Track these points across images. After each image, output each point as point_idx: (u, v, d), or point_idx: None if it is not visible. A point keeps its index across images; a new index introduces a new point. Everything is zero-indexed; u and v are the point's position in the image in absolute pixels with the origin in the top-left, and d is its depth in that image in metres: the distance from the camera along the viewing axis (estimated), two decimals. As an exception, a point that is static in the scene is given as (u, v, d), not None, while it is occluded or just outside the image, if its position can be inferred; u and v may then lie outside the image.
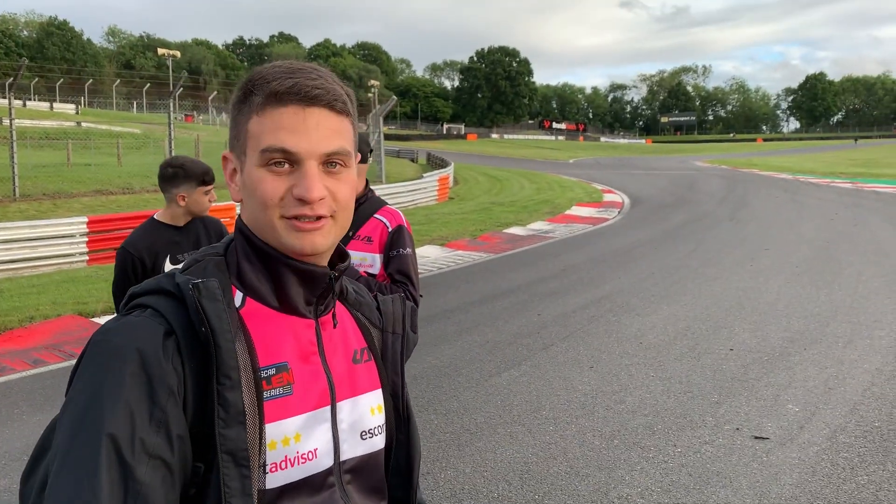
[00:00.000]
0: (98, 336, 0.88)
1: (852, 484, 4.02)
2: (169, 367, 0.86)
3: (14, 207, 15.76)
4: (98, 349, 0.86)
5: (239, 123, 0.98)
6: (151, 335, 0.86)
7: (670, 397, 5.39)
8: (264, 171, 0.95)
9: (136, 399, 0.82)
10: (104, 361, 0.84)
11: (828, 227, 15.59)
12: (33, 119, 37.31)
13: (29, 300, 8.75)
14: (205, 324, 0.87)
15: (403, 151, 46.78)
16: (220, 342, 0.87)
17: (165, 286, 0.93)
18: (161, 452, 0.82)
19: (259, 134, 0.95)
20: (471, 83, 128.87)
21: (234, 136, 0.99)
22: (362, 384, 1.06)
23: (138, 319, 0.89)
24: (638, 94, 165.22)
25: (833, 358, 6.30)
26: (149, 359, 0.84)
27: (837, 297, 8.71)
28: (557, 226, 16.83)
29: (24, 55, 67.56)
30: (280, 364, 0.95)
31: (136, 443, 0.80)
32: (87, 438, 0.79)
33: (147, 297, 0.93)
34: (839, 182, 30.43)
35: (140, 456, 0.80)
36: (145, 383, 0.83)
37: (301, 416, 0.96)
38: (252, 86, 0.96)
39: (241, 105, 0.97)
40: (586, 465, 4.27)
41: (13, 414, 5.21)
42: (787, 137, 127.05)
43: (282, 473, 0.93)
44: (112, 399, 0.81)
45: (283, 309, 0.98)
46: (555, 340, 6.94)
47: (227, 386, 0.87)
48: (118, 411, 0.80)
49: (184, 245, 3.24)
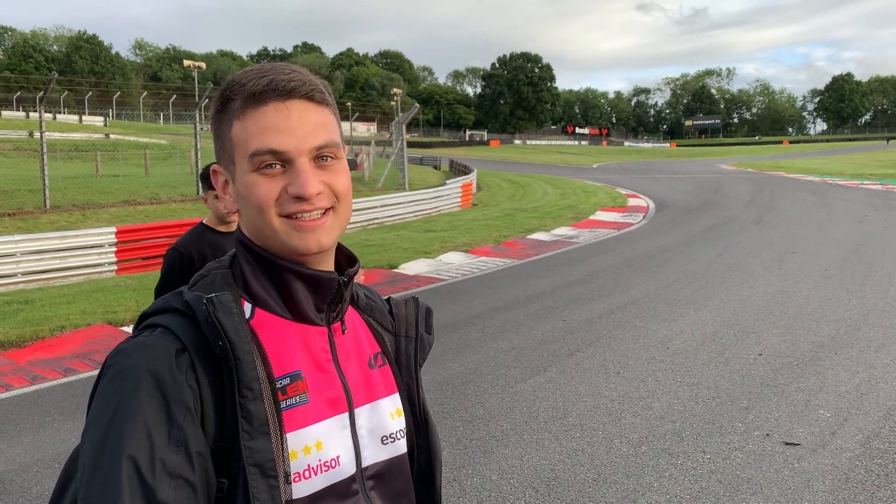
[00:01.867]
0: (112, 359, 0.88)
1: (887, 491, 3.94)
2: (184, 384, 0.85)
3: (45, 218, 16.03)
4: (112, 372, 0.86)
5: (222, 133, 0.97)
6: (164, 354, 0.86)
7: (698, 403, 5.33)
8: (256, 176, 0.93)
9: (153, 419, 0.82)
10: (119, 384, 0.84)
11: (857, 229, 15.34)
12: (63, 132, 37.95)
13: (59, 310, 8.89)
14: (222, 338, 0.87)
15: (426, 158, 46.87)
16: (239, 355, 0.87)
17: (173, 304, 0.93)
18: (182, 471, 0.82)
19: (244, 139, 0.93)
20: (493, 90, 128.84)
21: (219, 148, 0.99)
22: (379, 389, 1.05)
23: (149, 339, 0.88)
24: (662, 97, 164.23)
25: (865, 362, 6.19)
26: (163, 378, 0.84)
27: (868, 300, 8.56)
28: (582, 231, 16.74)
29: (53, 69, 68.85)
30: (293, 373, 0.94)
31: (156, 464, 0.80)
32: (108, 462, 0.79)
33: (156, 316, 0.93)
34: (868, 184, 29.95)
35: (162, 476, 0.80)
36: (161, 403, 0.83)
37: (319, 423, 0.95)
38: (229, 92, 0.95)
39: (221, 114, 0.96)
40: (614, 472, 4.23)
41: (45, 422, 5.28)
42: (814, 139, 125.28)
43: (306, 483, 0.93)
44: (129, 421, 0.81)
45: (293, 318, 0.98)
46: (580, 346, 6.90)
47: (249, 398, 0.87)
48: (136, 433, 0.80)
49: (227, 250, 3.25)
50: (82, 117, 56.74)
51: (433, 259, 12.80)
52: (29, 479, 4.31)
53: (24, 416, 5.40)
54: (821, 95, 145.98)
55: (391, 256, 12.60)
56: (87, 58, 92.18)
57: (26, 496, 4.10)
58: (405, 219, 19.58)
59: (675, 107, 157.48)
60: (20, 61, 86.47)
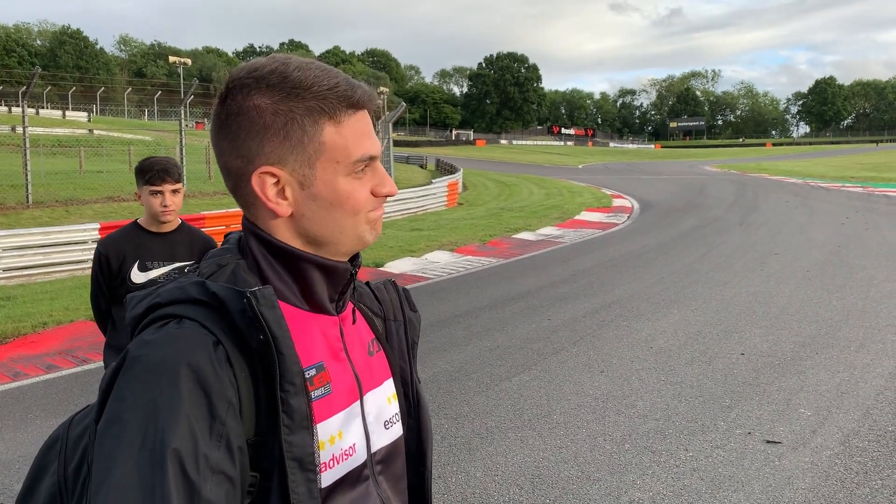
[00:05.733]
0: (139, 350, 0.82)
1: (866, 488, 4.00)
2: (224, 378, 0.83)
3: (27, 214, 15.88)
4: (142, 365, 0.81)
5: (304, 133, 0.92)
6: (201, 347, 0.83)
7: (681, 402, 5.38)
8: (352, 180, 0.95)
9: (195, 414, 0.79)
10: (153, 377, 0.80)
11: (839, 231, 15.51)
12: (46, 127, 37.55)
13: (42, 306, 8.82)
14: (264, 332, 0.85)
15: (412, 157, 46.86)
16: (283, 349, 0.85)
17: (194, 294, 0.88)
18: (224, 467, 0.80)
19: (342, 145, 0.94)
20: (479, 89, 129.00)
21: (287, 150, 0.93)
22: (379, 375, 1.07)
23: (181, 331, 0.84)
24: (647, 99, 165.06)
25: (845, 362, 6.27)
26: (203, 372, 0.81)
27: (849, 301, 8.66)
28: (567, 231, 16.81)
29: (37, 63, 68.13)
30: (318, 364, 0.95)
31: (200, 459, 0.78)
32: (149, 457, 0.75)
33: (175, 306, 0.88)
34: (850, 186, 30.28)
35: (205, 473, 0.78)
36: (203, 397, 0.80)
37: (340, 413, 0.97)
38: (305, 93, 0.92)
39: (292, 114, 0.92)
40: (598, 470, 4.26)
41: (27, 419, 5.25)
42: (797, 142, 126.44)
43: (330, 472, 0.94)
44: (171, 415, 0.77)
45: (310, 308, 0.98)
46: (565, 345, 6.93)
47: (291, 392, 0.86)
48: (179, 428, 0.77)
49: (156, 253, 3.11)
50: (66, 113, 56.16)
51: (419, 258, 12.81)
52: (11, 475, 4.28)
53: (6, 413, 5.35)
54: (804, 98, 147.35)
55: (377, 255, 12.59)
56: (72, 53, 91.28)
57: (8, 493, 4.07)
58: (391, 217, 19.56)
59: (660, 108, 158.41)
60: (2, 56, 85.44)
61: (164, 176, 3.02)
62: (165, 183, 3.03)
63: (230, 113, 0.93)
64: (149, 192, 3.04)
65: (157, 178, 3.01)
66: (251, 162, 0.93)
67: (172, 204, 3.07)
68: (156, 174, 3.01)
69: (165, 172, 3.03)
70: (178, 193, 3.11)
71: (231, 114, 0.93)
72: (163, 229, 3.14)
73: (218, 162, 0.98)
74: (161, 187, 3.03)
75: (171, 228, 3.17)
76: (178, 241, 3.16)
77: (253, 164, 0.93)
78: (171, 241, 3.15)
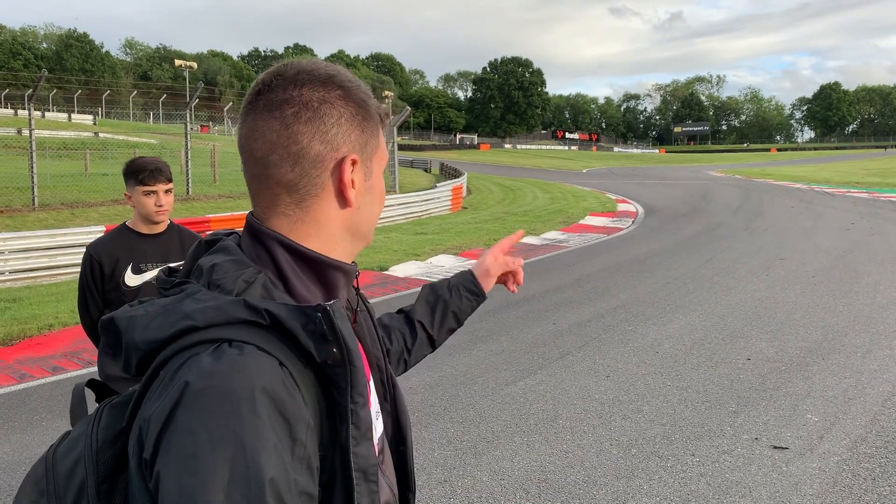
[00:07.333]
0: (200, 383, 0.77)
1: (874, 495, 3.98)
2: (299, 400, 0.82)
3: (33, 217, 15.92)
4: (212, 397, 0.76)
5: (373, 130, 1.02)
6: (271, 371, 0.80)
7: (687, 406, 5.36)
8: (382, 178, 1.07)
9: (280, 441, 0.77)
10: (230, 408, 0.76)
11: (844, 236, 15.48)
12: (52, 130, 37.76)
13: (48, 308, 8.84)
14: (340, 345, 0.84)
15: (417, 161, 46.89)
16: (355, 361, 0.85)
17: (242, 315, 0.83)
18: (310, 489, 0.80)
19: (381, 146, 1.05)
20: (484, 94, 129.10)
21: (363, 142, 0.99)
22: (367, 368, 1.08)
23: (245, 357, 0.80)
24: (651, 103, 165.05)
25: (852, 368, 6.25)
26: (279, 396, 0.79)
27: (855, 306, 8.64)
28: (571, 235, 16.80)
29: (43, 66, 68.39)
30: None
31: (291, 485, 0.77)
32: (243, 491, 0.73)
33: (222, 329, 0.82)
34: (855, 192, 30.21)
35: (296, 497, 0.77)
36: (283, 422, 0.78)
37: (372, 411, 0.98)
38: (366, 98, 1.01)
39: (364, 114, 1.00)
40: (604, 475, 4.25)
41: (33, 420, 5.25)
42: (802, 147, 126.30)
43: None
44: (260, 445, 0.75)
45: None
46: (570, 349, 6.92)
47: (360, 404, 0.86)
48: (271, 456, 0.75)
49: (149, 255, 3.07)
50: (71, 115, 56.47)
51: (423, 261, 12.81)
52: (17, 477, 4.28)
53: (12, 415, 5.36)
54: (808, 104, 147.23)
55: (381, 258, 12.60)
56: (77, 56, 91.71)
57: (13, 495, 4.07)
58: (395, 221, 19.57)
59: (665, 113, 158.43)
60: (9, 58, 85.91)
61: (157, 175, 2.99)
62: (159, 182, 3.00)
63: (313, 99, 0.94)
64: (142, 192, 3.00)
65: (151, 178, 2.98)
66: (338, 148, 0.95)
67: (166, 204, 3.04)
68: (149, 174, 2.98)
69: (158, 172, 3.00)
70: (170, 193, 3.09)
71: (315, 100, 0.94)
72: (154, 230, 3.11)
73: (283, 149, 0.93)
74: (155, 187, 3.00)
75: (162, 229, 3.14)
76: (169, 241, 3.14)
77: (339, 151, 0.95)
78: (163, 242, 3.12)
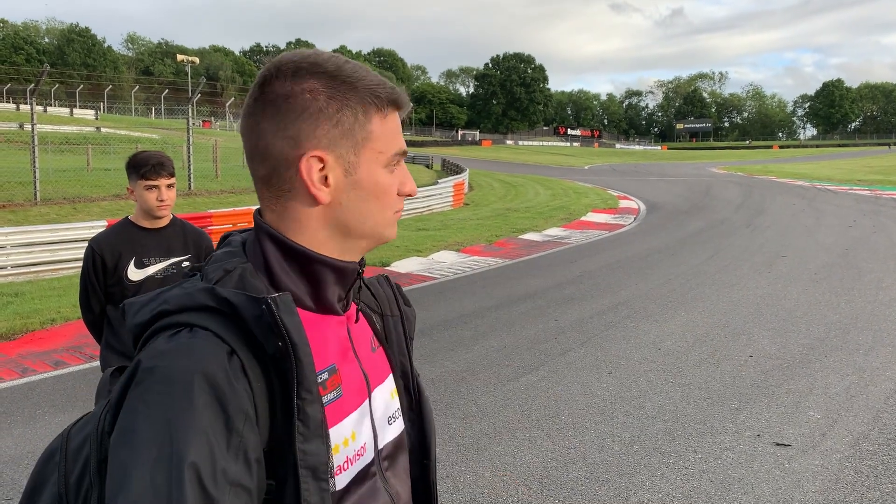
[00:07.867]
0: (150, 361, 0.80)
1: (877, 492, 3.98)
2: (240, 389, 0.81)
3: (35, 211, 15.93)
4: (155, 377, 0.78)
5: (356, 121, 0.94)
6: (215, 357, 0.81)
7: (690, 403, 5.36)
8: (387, 173, 0.97)
9: (212, 427, 0.77)
10: (167, 389, 0.77)
11: (846, 234, 15.46)
12: (54, 124, 37.71)
13: (50, 303, 8.85)
14: (284, 339, 0.83)
15: (419, 157, 46.85)
16: (301, 357, 0.84)
17: (203, 301, 0.85)
18: (242, 479, 0.78)
19: (385, 136, 0.96)
20: (486, 90, 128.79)
21: (337, 136, 0.93)
22: (382, 371, 1.07)
23: (194, 341, 0.82)
24: (653, 100, 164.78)
25: (854, 365, 6.24)
26: (219, 384, 0.79)
27: (857, 304, 8.63)
28: (573, 232, 16.79)
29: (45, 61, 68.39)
30: (330, 367, 0.94)
31: (218, 473, 0.76)
32: (165, 471, 0.74)
33: (184, 314, 0.85)
34: (857, 189, 30.16)
35: (223, 486, 0.76)
36: (219, 410, 0.78)
37: (352, 414, 0.96)
38: (357, 82, 0.94)
39: (346, 101, 0.93)
40: (606, 471, 4.25)
41: (35, 415, 5.26)
42: (805, 144, 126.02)
43: (344, 475, 0.93)
44: (188, 428, 0.75)
45: (319, 310, 0.97)
46: (572, 346, 6.92)
47: (308, 400, 0.85)
48: (196, 441, 0.75)
49: (152, 249, 3.07)
50: (73, 110, 56.38)
51: (425, 258, 12.81)
52: (20, 471, 4.30)
53: (15, 409, 5.37)
54: (811, 101, 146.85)
55: (383, 254, 12.59)
56: (79, 51, 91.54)
57: (17, 488, 4.08)
58: (397, 217, 19.55)
59: (667, 110, 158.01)
60: (11, 53, 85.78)
61: (159, 170, 2.98)
62: (161, 177, 2.99)
63: (278, 95, 0.91)
64: (144, 186, 2.99)
65: (153, 173, 2.97)
66: (299, 145, 0.92)
67: (168, 198, 3.04)
68: (151, 168, 2.97)
69: (161, 166, 2.99)
70: (173, 188, 3.08)
71: (280, 95, 0.91)
72: (157, 224, 3.10)
73: (253, 146, 0.94)
74: (157, 181, 2.99)
75: (165, 223, 3.14)
76: (172, 235, 3.13)
77: (301, 148, 0.92)
78: (166, 236, 3.12)
